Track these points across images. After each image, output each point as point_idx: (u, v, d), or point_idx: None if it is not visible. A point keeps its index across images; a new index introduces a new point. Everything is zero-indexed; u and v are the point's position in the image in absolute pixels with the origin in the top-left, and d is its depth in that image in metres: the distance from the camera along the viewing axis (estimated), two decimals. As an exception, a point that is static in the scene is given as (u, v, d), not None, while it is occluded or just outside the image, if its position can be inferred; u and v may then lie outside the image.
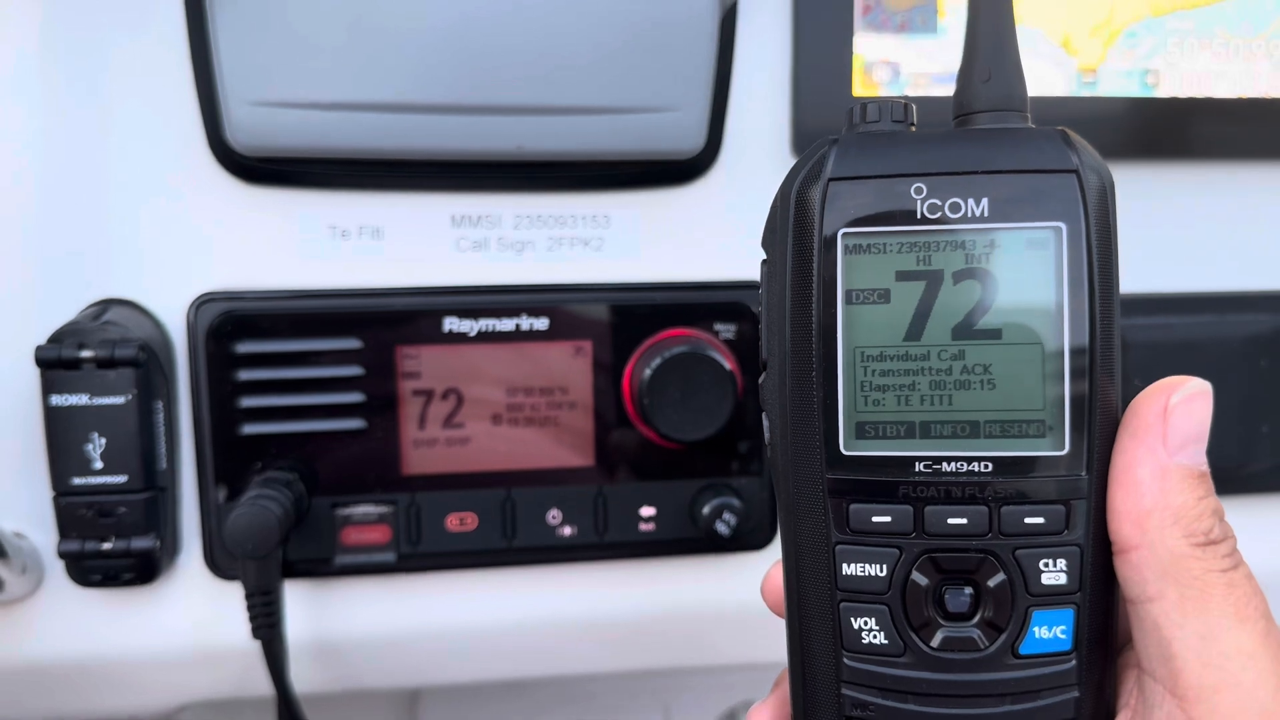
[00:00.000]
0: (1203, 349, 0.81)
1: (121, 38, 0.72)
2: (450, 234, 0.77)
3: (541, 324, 0.77)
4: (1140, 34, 0.80)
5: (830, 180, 0.42)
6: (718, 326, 0.78)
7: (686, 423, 0.75)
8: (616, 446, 0.78)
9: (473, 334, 0.76)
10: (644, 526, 0.79)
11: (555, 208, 0.77)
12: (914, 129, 0.44)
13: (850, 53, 0.78)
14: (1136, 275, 0.79)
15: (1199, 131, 0.82)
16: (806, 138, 0.78)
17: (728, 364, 0.75)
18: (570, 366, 0.77)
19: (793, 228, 0.42)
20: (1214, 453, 0.42)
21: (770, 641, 0.52)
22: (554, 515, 0.78)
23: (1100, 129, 0.80)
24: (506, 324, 0.76)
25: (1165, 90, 0.81)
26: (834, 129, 0.45)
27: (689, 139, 0.75)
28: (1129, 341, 0.78)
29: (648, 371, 0.75)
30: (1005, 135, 0.43)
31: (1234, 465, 0.82)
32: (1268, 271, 0.84)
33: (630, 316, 0.77)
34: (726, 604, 0.81)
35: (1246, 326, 0.82)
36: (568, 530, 0.78)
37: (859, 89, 0.78)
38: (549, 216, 0.77)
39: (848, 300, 0.42)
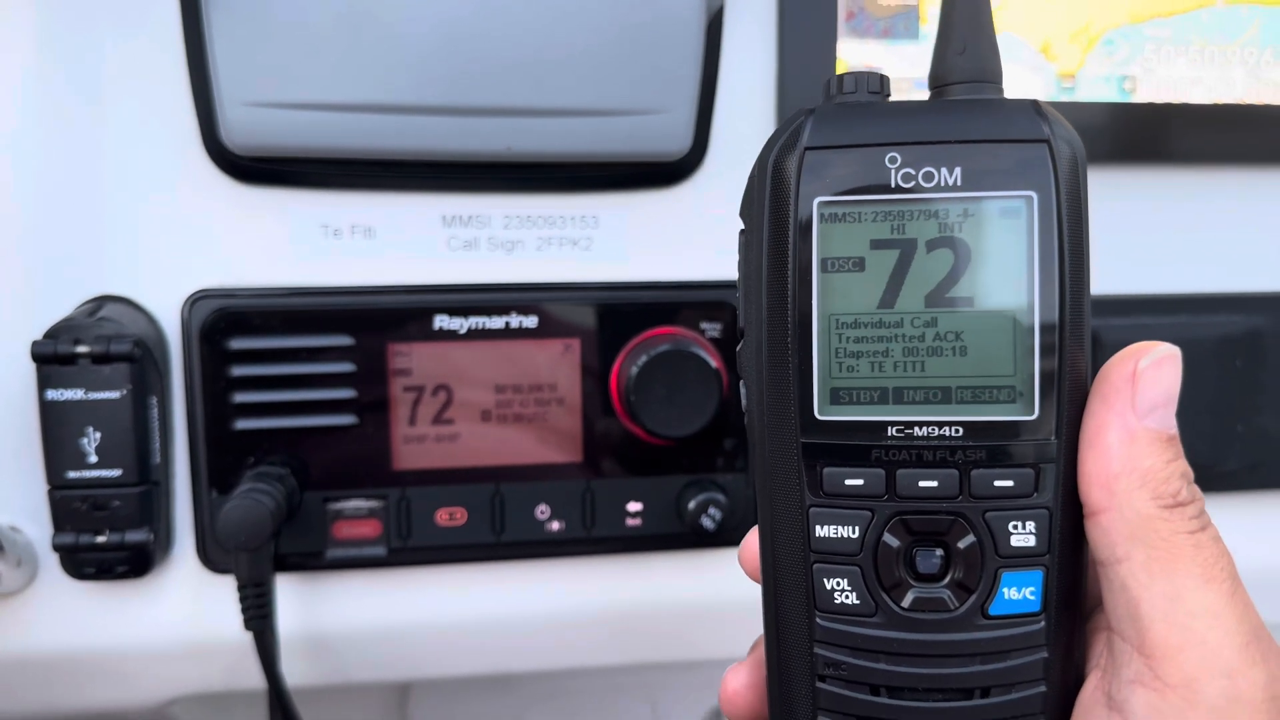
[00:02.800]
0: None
1: (117, 38, 0.73)
2: (441, 233, 0.78)
3: (531, 322, 0.78)
4: (1118, 41, 0.81)
5: (806, 149, 0.42)
6: (704, 325, 0.79)
7: (673, 419, 0.76)
8: (604, 442, 0.79)
9: (463, 332, 0.77)
10: (631, 521, 0.80)
11: (544, 208, 0.79)
12: (889, 100, 0.45)
13: (834, 57, 0.79)
14: (1113, 276, 0.80)
15: (1175, 137, 0.83)
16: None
17: (713, 361, 0.76)
18: (559, 364, 0.78)
19: (769, 197, 0.43)
20: (1189, 452, 0.43)
21: (758, 636, 0.52)
22: (542, 510, 0.79)
23: (1078, 133, 0.81)
24: (496, 322, 0.77)
25: (1142, 96, 0.82)
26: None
27: (676, 141, 0.77)
28: (1104, 342, 0.79)
29: (635, 369, 0.76)
30: (979, 106, 0.43)
31: (1208, 464, 0.83)
32: (1242, 274, 0.86)
33: (618, 315, 0.78)
34: (713, 598, 0.82)
35: (1221, 327, 0.83)
36: (556, 525, 0.79)
37: (842, 93, 0.79)
38: (538, 217, 0.79)
39: (823, 268, 0.42)
